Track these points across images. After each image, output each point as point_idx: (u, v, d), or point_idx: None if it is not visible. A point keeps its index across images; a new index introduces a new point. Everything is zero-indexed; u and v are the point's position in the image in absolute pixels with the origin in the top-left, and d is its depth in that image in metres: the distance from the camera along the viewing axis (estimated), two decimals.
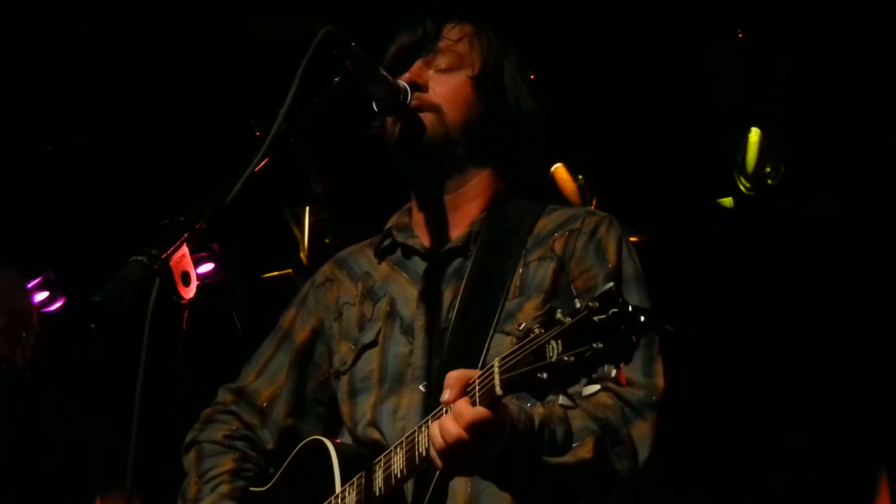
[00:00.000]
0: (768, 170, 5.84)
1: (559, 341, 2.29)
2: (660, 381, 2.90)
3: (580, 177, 6.17)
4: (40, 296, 6.79)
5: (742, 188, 5.90)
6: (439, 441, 2.53)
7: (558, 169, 6.15)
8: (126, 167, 6.35)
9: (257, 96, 5.71)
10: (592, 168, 6.16)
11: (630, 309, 2.22)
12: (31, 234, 6.61)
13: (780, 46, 5.55)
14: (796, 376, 6.20)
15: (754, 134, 5.82)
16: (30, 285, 6.74)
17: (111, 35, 5.63)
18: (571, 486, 2.77)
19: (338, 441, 3.09)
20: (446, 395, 2.55)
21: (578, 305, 2.28)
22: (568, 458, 2.69)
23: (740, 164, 5.87)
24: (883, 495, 6.10)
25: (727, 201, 6.13)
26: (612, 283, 2.28)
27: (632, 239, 3.14)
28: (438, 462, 2.56)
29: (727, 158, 5.90)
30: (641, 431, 2.83)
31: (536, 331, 2.36)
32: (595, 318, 2.24)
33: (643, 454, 2.82)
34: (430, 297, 3.10)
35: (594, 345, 2.23)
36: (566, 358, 2.26)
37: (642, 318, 2.23)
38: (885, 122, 5.65)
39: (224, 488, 3.21)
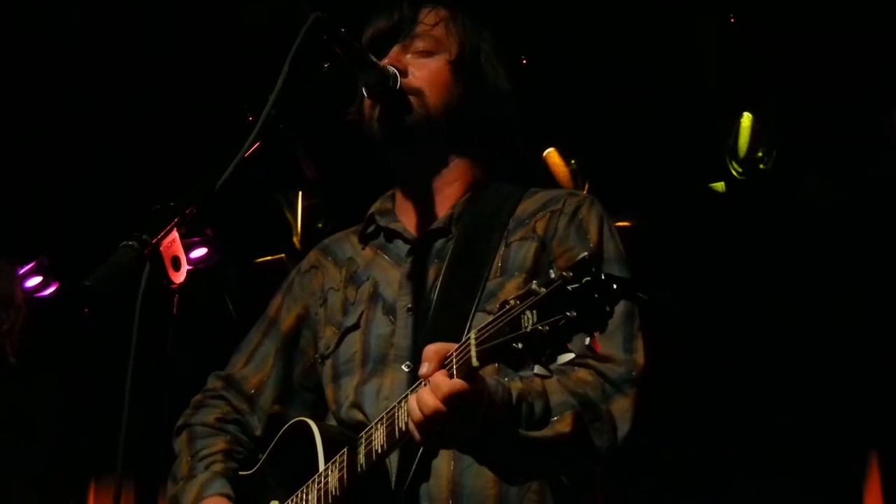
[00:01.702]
0: (760, 154, 5.84)
1: (534, 311, 2.30)
2: (640, 358, 2.90)
3: (572, 161, 6.17)
4: (33, 281, 6.81)
5: (734, 173, 5.90)
6: (417, 413, 2.55)
7: (550, 153, 6.15)
8: (118, 152, 6.35)
9: (249, 82, 5.70)
10: (584, 153, 6.17)
11: (603, 277, 2.23)
12: (24, 220, 6.61)
13: (771, 31, 5.55)
14: (787, 358, 6.22)
15: (746, 119, 5.82)
16: (23, 270, 6.75)
17: (102, 21, 5.63)
18: (550, 460, 2.79)
19: (326, 423, 3.11)
20: (424, 369, 2.56)
21: (552, 276, 2.29)
22: (546, 431, 2.71)
23: (732, 148, 5.88)
24: (873, 474, 6.14)
25: (719, 186, 6.14)
26: (585, 253, 2.29)
27: (624, 223, 3.16)
28: (416, 434, 2.58)
29: (719, 143, 5.91)
30: (622, 407, 2.84)
31: (512, 302, 2.36)
32: (569, 288, 2.25)
33: (623, 429, 2.82)
34: (412, 278, 3.12)
35: (568, 313, 2.24)
36: (540, 327, 2.27)
37: (615, 286, 2.24)
38: (877, 106, 5.66)
39: (218, 466, 3.23)
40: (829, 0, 5.40)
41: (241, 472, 3.25)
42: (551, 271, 2.30)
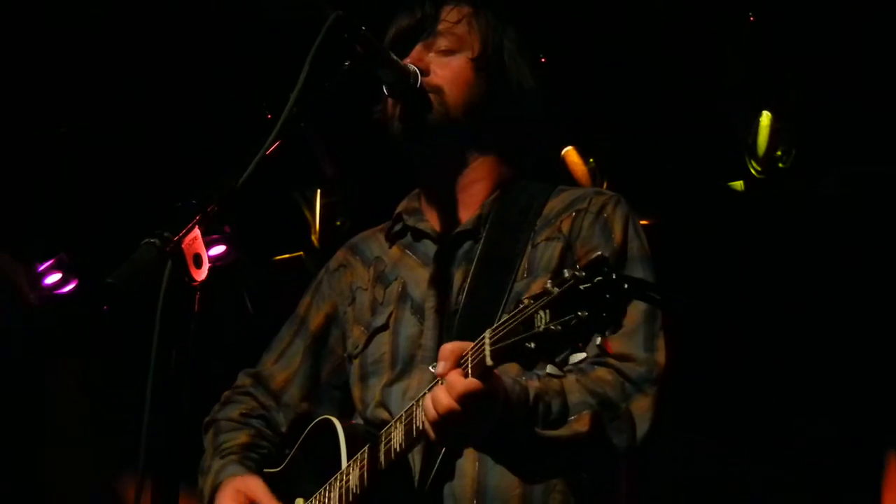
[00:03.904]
0: (779, 153, 5.83)
1: (547, 311, 2.30)
2: (661, 357, 2.91)
3: (591, 160, 6.16)
4: (53, 277, 6.82)
5: (753, 171, 5.89)
6: (432, 412, 2.56)
7: (569, 152, 6.15)
8: (138, 149, 6.36)
9: (269, 79, 5.71)
10: (603, 151, 6.16)
11: (615, 277, 2.24)
12: (44, 216, 6.63)
13: (791, 29, 5.53)
14: (805, 357, 6.20)
15: (765, 117, 5.80)
16: (42, 267, 6.77)
17: (123, 17, 5.64)
18: (568, 460, 2.79)
19: (351, 422, 3.12)
20: (440, 368, 2.58)
21: (566, 275, 2.29)
22: (563, 431, 2.71)
23: (751, 147, 5.86)
24: (892, 473, 6.11)
25: (738, 185, 6.12)
26: (599, 253, 2.29)
27: (643, 222, 3.15)
28: (431, 433, 2.59)
29: (738, 142, 5.89)
30: (641, 406, 2.84)
31: (526, 301, 2.37)
32: (581, 287, 2.25)
33: (643, 429, 2.83)
34: (440, 279, 3.13)
35: (579, 313, 2.24)
36: (553, 327, 2.28)
37: (626, 286, 2.24)
38: None
39: (234, 458, 3.27)
40: None
41: (268, 470, 3.27)
42: (565, 271, 2.31)
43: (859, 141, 5.76)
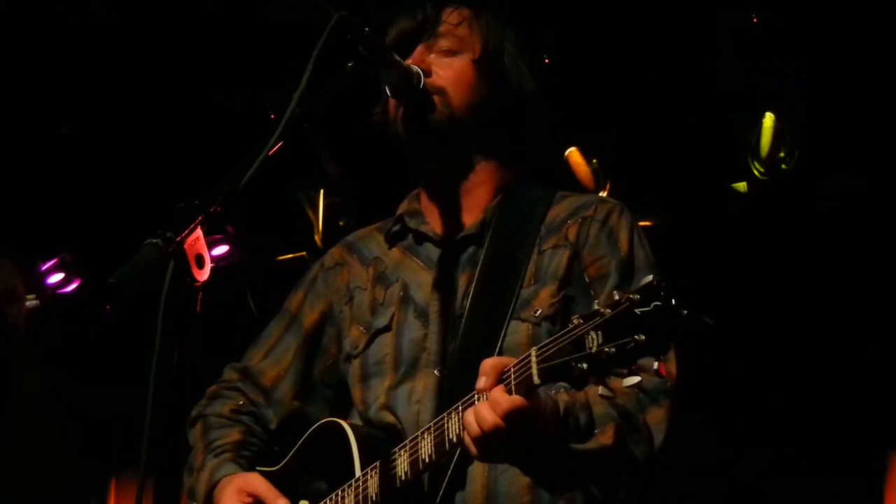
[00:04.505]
0: (782, 154, 5.83)
1: (599, 332, 2.32)
2: (674, 368, 2.92)
3: (594, 161, 6.17)
4: (55, 277, 6.83)
5: (756, 173, 5.89)
6: (475, 428, 2.57)
7: (572, 153, 6.15)
8: (140, 149, 6.37)
9: (272, 79, 5.72)
10: (606, 152, 6.16)
11: (673, 303, 2.26)
12: (47, 216, 6.64)
13: (794, 31, 5.53)
14: (808, 358, 6.20)
15: (769, 118, 5.81)
16: (45, 266, 6.78)
17: (126, 16, 5.65)
18: (593, 472, 2.82)
19: (357, 425, 3.11)
20: (482, 383, 2.59)
21: (617, 297, 2.32)
22: (590, 444, 2.73)
23: (754, 148, 5.86)
24: (894, 473, 6.11)
25: (741, 186, 6.12)
26: (651, 277, 2.31)
27: (645, 223, 3.17)
28: (474, 450, 2.61)
29: (741, 143, 5.89)
30: (656, 417, 2.86)
31: (576, 321, 2.38)
32: (637, 311, 2.27)
33: (658, 440, 2.85)
34: (444, 283, 3.12)
35: (637, 337, 2.26)
36: (607, 349, 2.30)
37: (685, 312, 2.26)
38: None
39: (228, 456, 3.24)
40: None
41: (261, 468, 3.26)
42: (615, 293, 2.34)
43: (863, 142, 5.76)
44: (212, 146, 5.92)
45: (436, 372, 2.99)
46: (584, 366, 2.34)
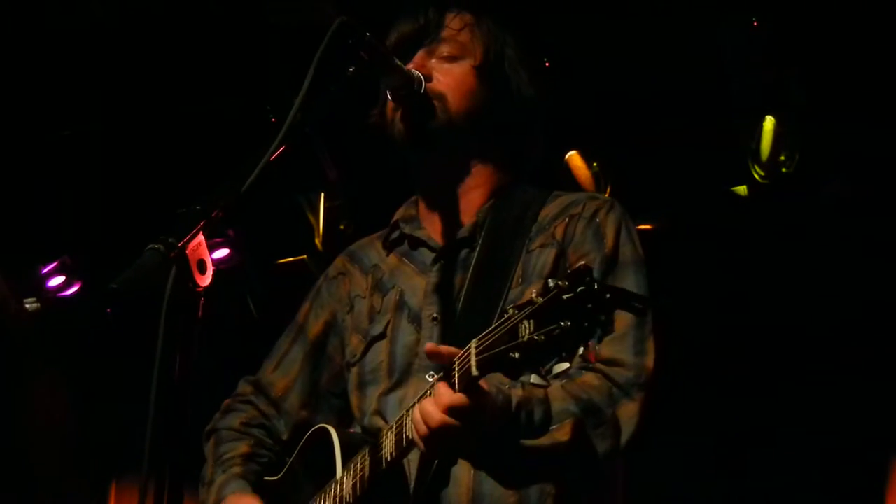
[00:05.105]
0: (783, 158, 5.83)
1: (531, 321, 2.31)
2: (649, 362, 2.90)
3: (595, 164, 6.16)
4: (56, 280, 6.83)
5: (756, 176, 5.88)
6: (422, 427, 2.59)
7: (573, 156, 6.15)
8: (140, 152, 6.37)
9: (273, 82, 5.72)
10: (607, 155, 6.16)
11: (596, 287, 2.24)
12: (47, 219, 6.64)
13: (794, 34, 5.53)
14: (809, 363, 6.21)
15: (769, 122, 5.80)
16: (45, 270, 6.78)
17: (126, 20, 5.65)
18: (548, 467, 2.81)
19: (347, 430, 3.12)
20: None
21: (550, 285, 2.30)
22: (544, 440, 2.73)
23: (755, 152, 5.86)
24: (895, 481, 6.11)
25: (741, 189, 6.12)
26: (582, 262, 2.30)
27: (646, 227, 3.16)
28: (422, 446, 2.62)
29: (741, 146, 5.89)
30: (628, 411, 2.84)
31: (511, 311, 2.38)
32: (564, 297, 2.26)
33: (627, 434, 2.83)
34: (437, 287, 3.13)
35: (562, 323, 2.25)
36: (536, 337, 2.29)
37: (608, 296, 2.24)
38: None
39: (236, 469, 3.26)
40: (851, 2, 5.38)
41: (267, 478, 3.27)
42: (549, 281, 2.31)
43: (863, 146, 5.76)
44: (213, 150, 5.92)
45: (428, 377, 2.99)
46: (517, 355, 2.33)
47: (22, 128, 6.18)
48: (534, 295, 2.32)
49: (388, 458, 2.76)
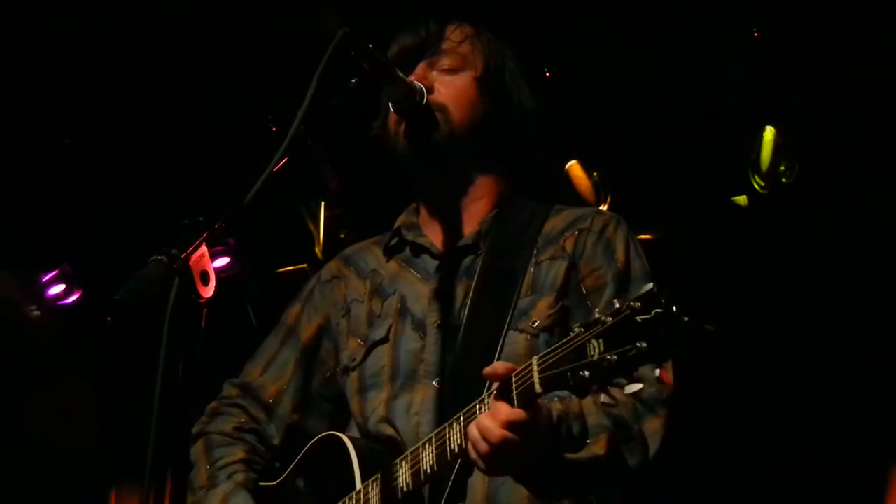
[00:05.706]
0: (783, 168, 5.84)
1: (600, 340, 2.34)
2: (671, 378, 2.92)
3: (595, 174, 6.17)
4: (56, 288, 6.83)
5: (756, 186, 5.90)
6: (482, 444, 2.59)
7: (573, 166, 6.16)
8: (142, 160, 6.37)
9: (276, 93, 5.72)
10: (607, 165, 6.17)
11: (674, 310, 2.27)
12: (48, 227, 6.64)
13: (795, 44, 5.55)
14: (809, 372, 6.20)
15: (769, 132, 5.82)
16: (46, 278, 6.78)
17: (128, 28, 5.66)
18: (585, 481, 2.82)
19: (357, 438, 3.12)
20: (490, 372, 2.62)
21: (617, 305, 2.33)
22: (582, 454, 2.74)
23: (755, 162, 5.87)
24: (895, 490, 6.11)
25: (741, 200, 6.13)
26: (651, 285, 2.32)
27: (646, 237, 3.18)
28: (481, 464, 2.62)
29: (742, 157, 5.90)
30: (653, 427, 2.88)
31: (577, 330, 2.40)
32: (638, 319, 2.29)
33: (653, 448, 2.87)
34: (442, 294, 3.14)
35: (638, 344, 2.27)
36: (609, 357, 2.31)
37: (686, 319, 2.27)
38: None
39: (240, 477, 3.24)
40: (852, 15, 5.39)
41: (262, 483, 3.26)
42: (615, 301, 2.35)
43: (863, 156, 5.76)
44: (214, 158, 5.93)
45: (434, 383, 3.00)
46: (587, 374, 2.35)
47: (23, 135, 6.19)
48: (599, 314, 2.36)
49: (428, 471, 2.77)
